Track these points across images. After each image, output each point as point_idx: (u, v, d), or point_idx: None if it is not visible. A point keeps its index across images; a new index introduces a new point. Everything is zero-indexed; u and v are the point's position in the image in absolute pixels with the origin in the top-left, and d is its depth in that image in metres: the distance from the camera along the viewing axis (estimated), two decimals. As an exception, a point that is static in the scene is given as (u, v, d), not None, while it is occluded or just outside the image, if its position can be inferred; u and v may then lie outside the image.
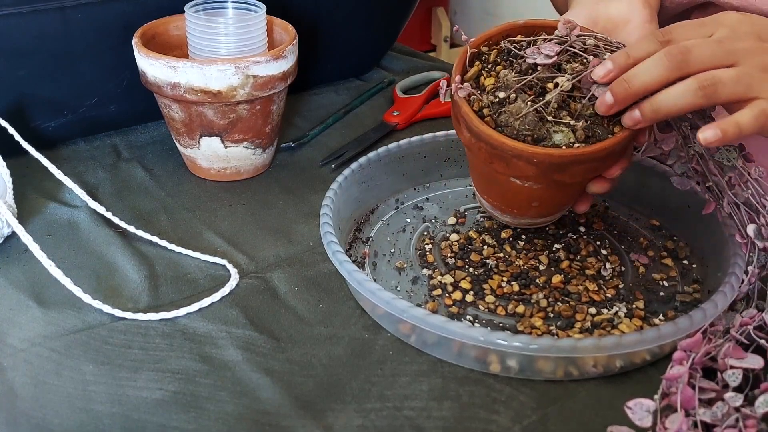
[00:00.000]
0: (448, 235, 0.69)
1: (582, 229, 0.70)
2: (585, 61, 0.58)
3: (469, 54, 0.61)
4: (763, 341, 0.51)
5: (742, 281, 0.56)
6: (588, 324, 0.59)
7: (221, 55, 0.74)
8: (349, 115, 0.93)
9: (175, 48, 0.79)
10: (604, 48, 0.58)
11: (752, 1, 0.68)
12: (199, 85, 0.71)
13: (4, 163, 0.68)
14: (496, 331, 0.52)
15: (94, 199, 0.71)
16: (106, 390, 0.53)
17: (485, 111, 0.58)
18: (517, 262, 0.65)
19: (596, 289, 0.62)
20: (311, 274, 0.65)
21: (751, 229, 0.58)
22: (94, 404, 0.52)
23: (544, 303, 0.61)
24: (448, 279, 0.63)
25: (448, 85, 0.60)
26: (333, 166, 0.81)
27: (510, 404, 0.52)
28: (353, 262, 0.58)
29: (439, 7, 2.37)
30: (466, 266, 0.65)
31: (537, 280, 0.63)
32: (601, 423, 0.49)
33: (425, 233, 0.69)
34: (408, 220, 0.71)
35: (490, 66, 0.60)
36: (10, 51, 0.74)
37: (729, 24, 0.55)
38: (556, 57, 0.58)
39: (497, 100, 0.58)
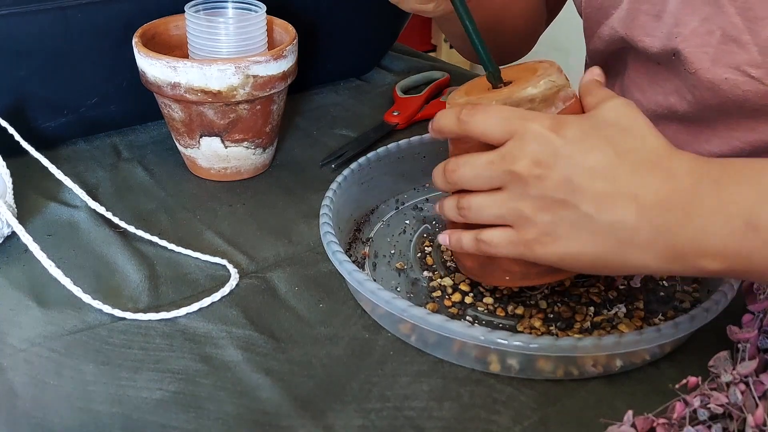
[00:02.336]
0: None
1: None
2: None
3: None
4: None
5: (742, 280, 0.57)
6: (588, 324, 0.59)
7: (221, 55, 0.74)
8: (349, 116, 0.93)
9: (175, 48, 0.79)
10: None
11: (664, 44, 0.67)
12: (199, 85, 0.71)
13: (4, 163, 0.68)
14: (497, 330, 0.52)
15: (94, 199, 0.71)
16: (106, 390, 0.53)
17: None
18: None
19: (596, 290, 0.62)
20: (311, 274, 0.65)
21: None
22: (94, 404, 0.52)
23: (543, 304, 0.61)
24: (447, 281, 0.63)
25: None
26: (333, 166, 0.81)
27: (510, 404, 0.52)
28: (353, 262, 0.58)
29: (439, 7, 2.36)
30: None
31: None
32: (602, 423, 0.49)
33: (425, 235, 0.69)
34: (408, 221, 0.71)
35: None
36: (10, 51, 0.74)
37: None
38: None
39: None
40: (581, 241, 0.49)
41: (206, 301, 0.61)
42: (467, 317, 0.60)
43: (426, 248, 0.67)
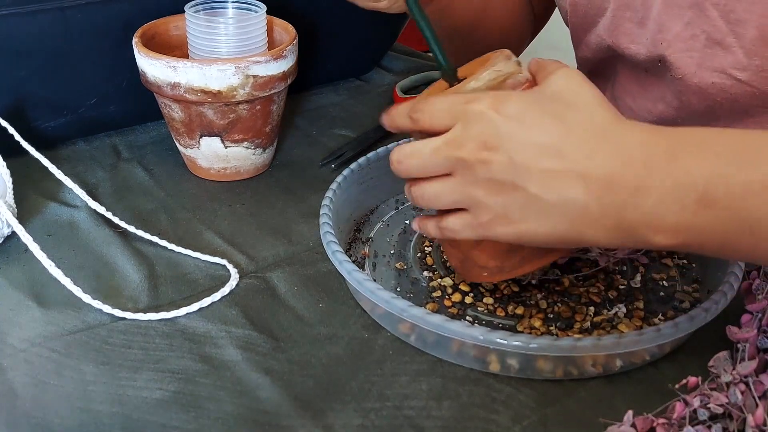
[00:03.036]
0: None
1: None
2: None
3: None
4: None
5: (742, 279, 0.57)
6: (588, 324, 0.59)
7: (221, 55, 0.74)
8: (348, 116, 0.93)
9: (175, 48, 0.79)
10: None
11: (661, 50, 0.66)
12: (199, 85, 0.71)
13: (4, 163, 0.68)
14: (496, 330, 0.52)
15: (94, 199, 0.71)
16: (106, 390, 0.53)
17: None
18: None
19: (596, 290, 0.62)
20: (311, 273, 0.65)
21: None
22: (94, 404, 0.52)
23: (543, 304, 0.61)
24: (447, 281, 0.63)
25: None
26: (333, 166, 0.81)
27: (510, 404, 0.52)
28: (353, 262, 0.58)
29: (439, 7, 2.36)
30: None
31: (534, 281, 0.63)
32: (601, 423, 0.49)
33: (425, 235, 0.69)
34: (408, 221, 0.71)
35: None
36: (10, 51, 0.74)
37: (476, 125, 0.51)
38: None
39: None
40: (534, 221, 0.49)
41: (206, 301, 0.61)
42: (467, 317, 0.60)
43: (426, 248, 0.67)
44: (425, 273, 0.64)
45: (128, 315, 0.59)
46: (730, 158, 0.46)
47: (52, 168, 0.69)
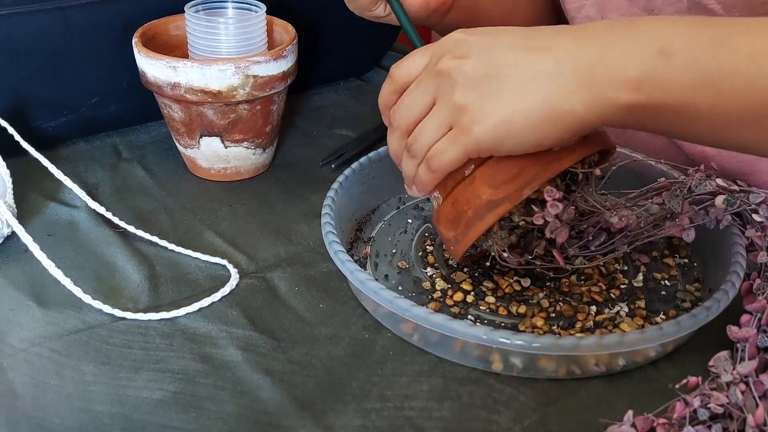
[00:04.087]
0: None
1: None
2: None
3: None
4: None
5: (744, 278, 0.56)
6: (590, 323, 0.59)
7: (221, 55, 0.74)
8: (349, 116, 0.93)
9: (175, 48, 0.79)
10: None
11: None
12: (199, 85, 0.71)
13: (4, 163, 0.68)
14: (499, 329, 0.52)
15: (94, 199, 0.71)
16: (106, 390, 0.53)
17: None
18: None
19: (598, 289, 0.62)
20: (312, 274, 0.65)
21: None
22: (94, 404, 0.52)
23: (545, 303, 0.61)
24: (449, 280, 0.63)
25: None
26: (333, 166, 0.81)
27: (510, 404, 0.52)
28: (354, 262, 0.58)
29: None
30: (467, 267, 0.65)
31: (538, 281, 0.63)
32: (602, 423, 0.49)
33: (426, 234, 0.69)
34: (409, 220, 0.71)
35: None
36: (10, 51, 0.74)
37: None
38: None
39: None
40: (510, 102, 0.49)
41: (206, 301, 0.61)
42: (469, 316, 0.60)
43: (427, 247, 0.67)
44: (427, 272, 0.64)
45: (128, 315, 0.59)
46: (691, 21, 0.49)
47: (52, 168, 0.69)
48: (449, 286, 0.63)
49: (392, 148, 0.57)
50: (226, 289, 0.62)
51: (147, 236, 0.68)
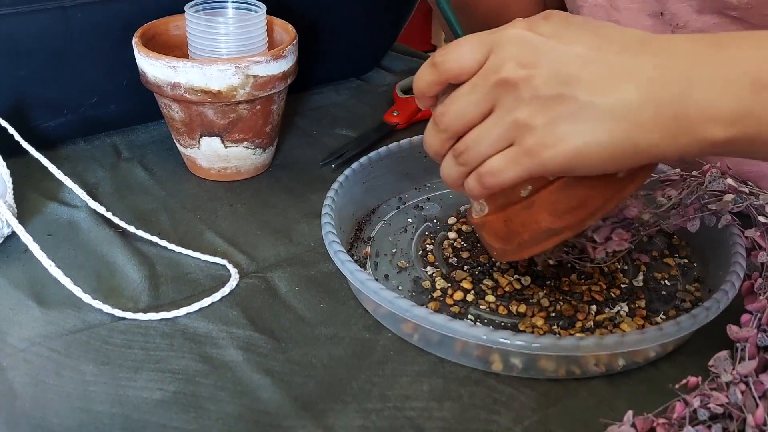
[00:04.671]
0: (448, 234, 0.69)
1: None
2: None
3: None
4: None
5: (744, 278, 0.57)
6: (590, 323, 0.59)
7: (221, 55, 0.74)
8: (349, 116, 0.93)
9: (175, 48, 0.79)
10: None
11: None
12: (200, 85, 0.71)
13: (4, 163, 0.68)
14: (499, 329, 0.52)
15: (94, 199, 0.71)
16: (106, 390, 0.53)
17: None
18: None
19: (598, 289, 0.62)
20: (312, 274, 0.65)
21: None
22: (94, 404, 0.52)
23: (545, 303, 0.61)
24: (449, 280, 0.63)
25: None
26: (333, 166, 0.81)
27: (511, 405, 0.52)
28: (354, 261, 0.58)
29: (439, 7, 2.37)
30: (467, 266, 0.65)
31: (538, 280, 0.63)
32: (602, 423, 0.49)
33: (426, 233, 0.69)
34: (409, 219, 0.71)
35: None
36: (10, 51, 0.74)
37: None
38: None
39: None
40: (587, 133, 0.46)
41: (206, 301, 0.61)
42: (469, 315, 0.60)
43: (428, 246, 0.67)
44: (427, 271, 0.64)
45: (128, 315, 0.59)
46: None
47: (52, 168, 0.69)
48: (449, 284, 0.63)
49: (432, 147, 0.52)
50: (226, 289, 0.62)
51: (147, 236, 0.68)
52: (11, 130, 0.70)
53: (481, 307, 0.61)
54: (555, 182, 0.50)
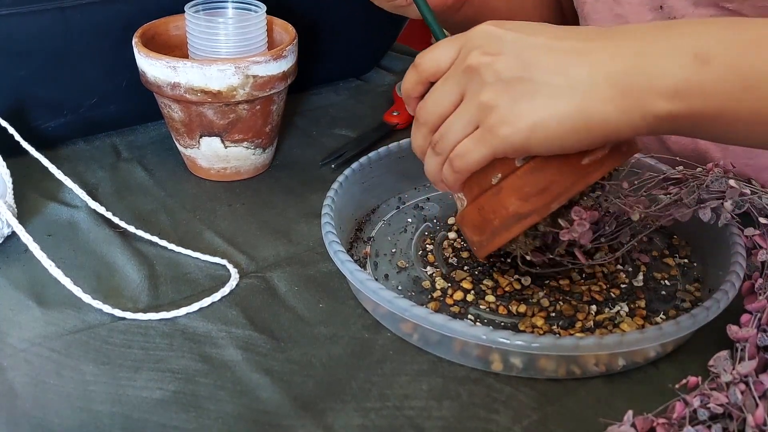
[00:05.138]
0: (448, 234, 0.69)
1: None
2: None
3: None
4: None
5: (744, 278, 0.57)
6: (590, 323, 0.59)
7: (221, 55, 0.74)
8: (348, 116, 0.93)
9: (175, 48, 0.79)
10: None
11: None
12: (199, 85, 0.71)
13: (4, 163, 0.68)
14: (499, 329, 0.52)
15: (94, 199, 0.71)
16: (106, 390, 0.53)
17: None
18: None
19: (598, 288, 0.62)
20: (311, 273, 0.65)
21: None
22: (94, 404, 0.52)
23: (545, 302, 0.61)
24: (449, 279, 0.63)
25: None
26: (333, 166, 0.81)
27: (510, 404, 0.52)
28: (354, 261, 0.58)
29: (440, 7, 2.37)
30: (467, 266, 0.65)
31: (538, 280, 0.63)
32: (602, 423, 0.49)
33: (426, 233, 0.69)
34: (409, 219, 0.71)
35: None
36: (10, 51, 0.74)
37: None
38: None
39: None
40: (543, 107, 0.48)
41: (206, 301, 0.61)
42: (469, 315, 0.60)
43: (427, 246, 0.67)
44: (427, 271, 0.64)
45: (128, 315, 0.59)
46: (725, 25, 0.48)
47: (52, 168, 0.69)
48: (449, 284, 0.63)
49: (416, 144, 0.56)
50: (226, 289, 0.62)
51: (147, 236, 0.68)
52: (11, 130, 0.70)
53: (481, 307, 0.61)
54: (522, 167, 0.52)
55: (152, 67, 0.72)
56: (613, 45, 0.49)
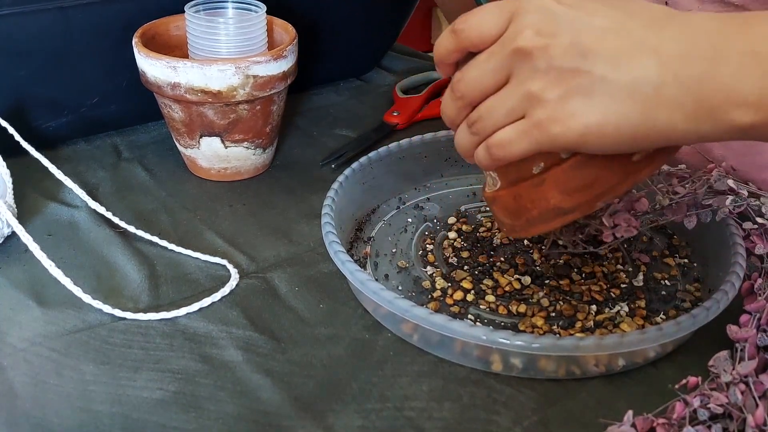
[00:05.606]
0: (448, 234, 0.69)
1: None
2: None
3: None
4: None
5: (744, 278, 0.57)
6: (590, 323, 0.59)
7: (221, 55, 0.74)
8: (349, 116, 0.93)
9: (175, 48, 0.79)
10: None
11: None
12: (200, 85, 0.71)
13: (4, 163, 0.68)
14: (499, 329, 0.52)
15: (94, 199, 0.71)
16: (106, 390, 0.53)
17: None
18: (517, 261, 0.65)
19: (598, 288, 0.62)
20: (312, 274, 0.65)
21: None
22: (94, 404, 0.52)
23: (545, 302, 0.61)
24: (449, 279, 0.63)
25: None
26: (333, 166, 0.81)
27: (510, 405, 0.52)
28: (354, 262, 0.58)
29: (440, 7, 2.37)
30: (467, 266, 0.65)
31: (537, 280, 0.63)
32: (602, 423, 0.49)
33: (426, 233, 0.69)
34: (409, 219, 0.71)
35: None
36: (10, 51, 0.74)
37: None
38: None
39: None
40: (601, 109, 0.43)
41: (206, 301, 0.61)
42: (469, 315, 0.60)
43: (428, 246, 0.67)
44: (427, 271, 0.64)
45: (128, 315, 0.59)
46: None
47: (52, 168, 0.69)
48: (449, 284, 0.63)
49: (448, 114, 0.51)
50: (226, 289, 0.62)
51: (147, 236, 0.68)
52: (11, 130, 0.70)
53: (481, 307, 0.61)
54: (568, 160, 0.49)
55: (152, 67, 0.72)
56: (688, 41, 0.43)
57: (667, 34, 0.44)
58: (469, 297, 0.61)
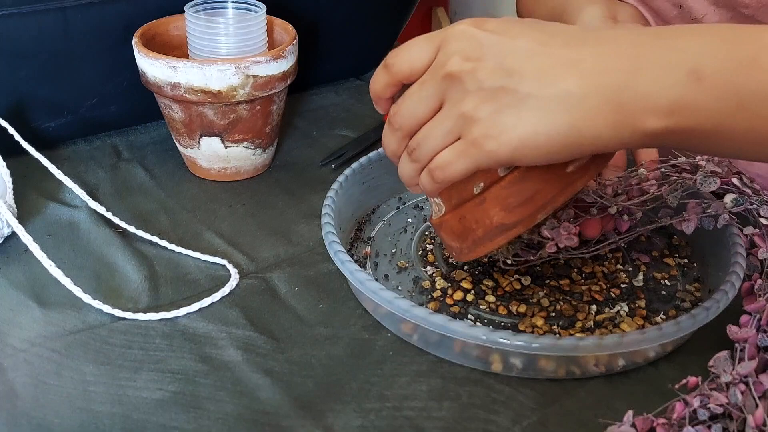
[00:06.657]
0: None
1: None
2: None
3: None
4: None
5: (744, 278, 0.56)
6: (590, 323, 0.59)
7: (221, 55, 0.74)
8: (348, 116, 0.93)
9: (175, 48, 0.79)
10: None
11: None
12: (199, 85, 0.71)
13: (4, 163, 0.68)
14: (498, 329, 0.52)
15: (94, 199, 0.71)
16: (106, 390, 0.53)
17: None
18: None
19: (598, 288, 0.62)
20: (311, 274, 0.65)
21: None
22: (94, 404, 0.52)
23: (545, 302, 0.61)
24: (449, 279, 0.63)
25: None
26: (333, 166, 0.81)
27: (509, 404, 0.52)
28: (354, 262, 0.58)
29: (439, 7, 2.37)
30: (467, 266, 0.65)
31: (537, 280, 0.63)
32: (602, 423, 0.49)
33: (426, 233, 0.69)
34: (409, 219, 0.71)
35: None
36: (10, 51, 0.74)
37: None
38: None
39: None
40: (532, 121, 0.46)
41: (206, 301, 0.61)
42: (469, 315, 0.60)
43: (427, 246, 0.67)
44: (427, 271, 0.64)
45: (128, 315, 0.59)
46: (720, 39, 0.46)
47: (52, 168, 0.69)
48: (449, 284, 0.63)
49: (389, 147, 0.53)
50: (226, 290, 0.62)
51: (147, 236, 0.68)
52: (11, 130, 0.70)
53: (481, 307, 0.61)
54: (506, 177, 0.51)
55: (152, 67, 0.72)
56: (604, 56, 0.46)
57: (586, 50, 0.46)
58: (469, 297, 0.61)
